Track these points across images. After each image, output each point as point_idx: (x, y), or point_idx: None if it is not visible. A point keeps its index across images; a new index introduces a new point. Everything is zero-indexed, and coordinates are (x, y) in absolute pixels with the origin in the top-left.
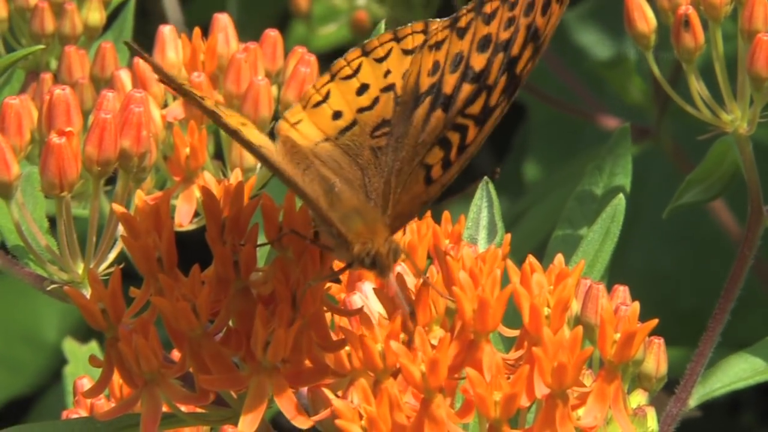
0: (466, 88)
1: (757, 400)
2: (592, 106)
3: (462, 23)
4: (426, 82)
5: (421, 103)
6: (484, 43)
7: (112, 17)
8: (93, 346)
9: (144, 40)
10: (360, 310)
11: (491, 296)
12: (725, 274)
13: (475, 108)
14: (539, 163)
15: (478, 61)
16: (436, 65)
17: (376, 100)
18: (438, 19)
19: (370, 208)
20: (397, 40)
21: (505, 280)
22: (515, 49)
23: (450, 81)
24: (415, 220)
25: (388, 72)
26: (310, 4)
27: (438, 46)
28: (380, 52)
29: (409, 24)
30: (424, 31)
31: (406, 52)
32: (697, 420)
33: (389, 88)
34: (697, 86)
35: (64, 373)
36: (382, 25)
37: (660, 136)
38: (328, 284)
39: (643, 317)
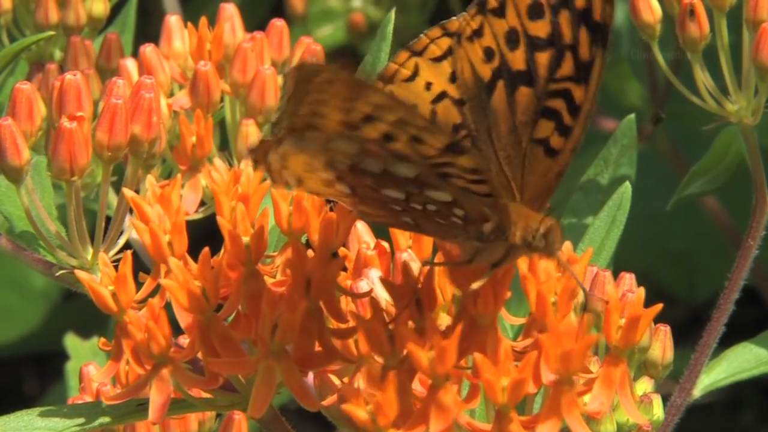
0: (542, 56)
1: (758, 399)
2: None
3: (493, 4)
4: (486, 70)
5: (494, 90)
6: (535, 11)
7: (115, 12)
8: (94, 343)
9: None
10: (369, 293)
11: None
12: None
13: (566, 69)
14: None
15: (538, 28)
16: (487, 51)
17: (433, 114)
18: (445, 21)
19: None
20: (418, 53)
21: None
22: (579, 2)
23: (518, 57)
24: None
25: (429, 84)
26: (306, 5)
27: (478, 33)
28: (405, 73)
29: (422, 34)
30: (447, 33)
31: (435, 60)
32: (698, 419)
33: (440, 97)
34: (702, 76)
35: (66, 369)
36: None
37: (656, 138)
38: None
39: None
